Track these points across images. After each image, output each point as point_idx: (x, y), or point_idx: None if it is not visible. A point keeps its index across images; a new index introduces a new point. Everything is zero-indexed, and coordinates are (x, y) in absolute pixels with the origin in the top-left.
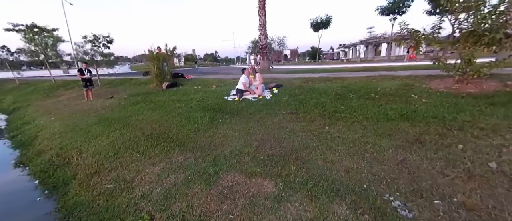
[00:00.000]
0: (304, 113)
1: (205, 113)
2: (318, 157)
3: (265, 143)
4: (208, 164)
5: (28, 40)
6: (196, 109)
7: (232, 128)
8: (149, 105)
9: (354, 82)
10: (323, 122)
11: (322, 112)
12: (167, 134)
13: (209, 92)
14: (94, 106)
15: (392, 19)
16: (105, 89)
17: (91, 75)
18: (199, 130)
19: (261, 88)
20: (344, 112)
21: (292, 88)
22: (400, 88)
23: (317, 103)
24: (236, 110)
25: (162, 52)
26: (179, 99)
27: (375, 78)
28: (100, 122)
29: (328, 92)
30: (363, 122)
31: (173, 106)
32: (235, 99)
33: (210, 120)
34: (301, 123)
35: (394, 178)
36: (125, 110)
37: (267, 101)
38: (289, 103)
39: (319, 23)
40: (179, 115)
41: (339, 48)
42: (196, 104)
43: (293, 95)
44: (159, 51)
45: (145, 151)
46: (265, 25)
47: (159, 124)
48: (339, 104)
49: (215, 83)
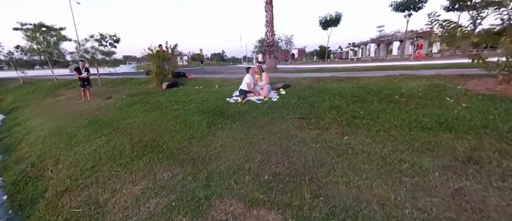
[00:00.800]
0: (317, 118)
1: (203, 116)
2: (339, 179)
3: (270, 157)
4: (199, 184)
5: (30, 38)
6: (194, 112)
7: (232, 136)
8: (145, 106)
9: (372, 82)
10: (341, 131)
11: (338, 117)
12: (157, 141)
13: (211, 93)
14: (90, 106)
15: (407, 16)
16: (105, 89)
17: (89, 74)
18: (194, 138)
19: (266, 89)
20: (365, 118)
21: (301, 89)
22: (429, 89)
23: (331, 106)
24: (238, 113)
25: (163, 50)
26: (177, 100)
27: (396, 78)
28: (90, 125)
29: (342, 93)
30: (391, 131)
31: (170, 108)
32: (238, 101)
33: (208, 126)
34: (313, 131)
35: (454, 219)
36: (119, 111)
37: (273, 103)
38: (298, 106)
39: (328, 21)
40: (174, 119)
41: (347, 47)
42: (195, 106)
43: (303, 97)
44: (161, 49)
45: (128, 163)
46: (272, 21)
47: (151, 129)
48: (357, 107)
49: (218, 83)
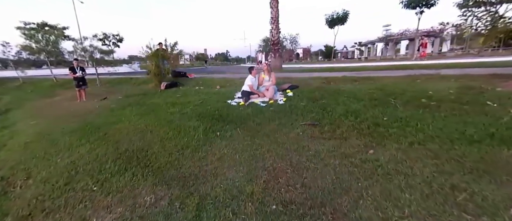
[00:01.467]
0: (331, 126)
1: (200, 122)
2: (373, 214)
3: (278, 176)
4: (187, 215)
5: (28, 36)
6: (191, 116)
7: (232, 147)
8: (140, 108)
9: (390, 83)
10: (363, 142)
11: (357, 124)
12: (146, 152)
13: (211, 94)
14: (83, 108)
15: (419, 13)
16: (103, 89)
17: (84, 74)
18: (188, 148)
19: (272, 90)
20: (391, 127)
21: (310, 90)
22: (463, 91)
23: (347, 110)
24: (239, 118)
25: (163, 48)
26: (175, 101)
27: (417, 78)
28: (76, 130)
29: (358, 95)
30: (427, 144)
31: (166, 111)
32: (240, 103)
33: (205, 133)
34: (329, 141)
35: None
36: (111, 114)
37: (280, 106)
38: (308, 110)
39: (335, 19)
40: (168, 124)
41: (353, 47)
42: (193, 109)
43: (313, 99)
44: (160, 48)
45: (107, 181)
46: (278, 18)
47: (141, 135)
48: (378, 113)
49: (219, 83)
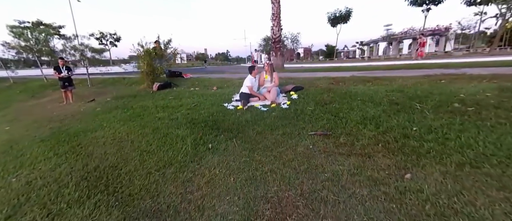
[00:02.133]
0: (348, 137)
1: (190, 130)
2: None
3: (285, 212)
4: None
5: (16, 35)
6: (181, 122)
7: (226, 165)
8: (125, 113)
9: (410, 84)
10: (393, 161)
11: (380, 136)
12: (119, 171)
13: (207, 96)
14: (66, 111)
15: (425, 10)
16: (93, 89)
17: (70, 73)
18: (171, 166)
19: (274, 92)
20: (425, 139)
21: (317, 92)
22: (505, 95)
23: (365, 117)
24: (237, 126)
25: (159, 46)
26: (166, 104)
27: (439, 78)
28: (49, 138)
29: (375, 98)
30: (484, 167)
31: (154, 115)
32: (238, 107)
33: (194, 145)
34: (348, 158)
35: None
36: (93, 119)
37: (284, 111)
38: (317, 116)
39: (337, 17)
40: (153, 132)
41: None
42: (184, 113)
43: (321, 103)
44: (157, 46)
45: (59, 215)
46: (279, 14)
47: (119, 147)
48: (404, 121)
49: (217, 84)
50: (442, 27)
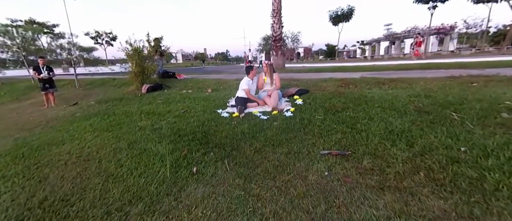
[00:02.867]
0: (373, 159)
1: (174, 145)
2: None
3: None
4: None
5: (1, 33)
6: (165, 134)
7: (212, 202)
8: (105, 120)
9: (435, 88)
10: (449, 203)
11: (418, 158)
12: (68, 209)
13: (200, 100)
14: (43, 117)
15: (432, 8)
16: (80, 91)
17: (52, 74)
18: (140, 200)
19: (276, 97)
20: (485, 168)
21: (325, 96)
22: None
23: (390, 130)
24: (230, 139)
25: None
26: (152, 110)
27: (471, 81)
28: (6, 153)
29: (396, 105)
30: None
31: (135, 124)
32: (234, 114)
33: (175, 168)
34: (380, 196)
35: None
36: (67, 128)
37: (287, 120)
38: (329, 128)
39: (339, 16)
40: (128, 148)
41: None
42: (171, 122)
43: (332, 110)
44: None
45: None
46: (280, 10)
47: (82, 169)
48: (443, 136)
49: (212, 85)
50: (447, 25)
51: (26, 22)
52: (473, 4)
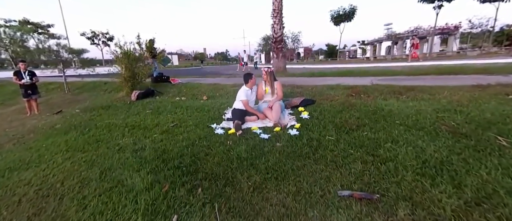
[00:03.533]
0: (411, 207)
1: (155, 175)
2: None
3: None
4: None
5: None
6: (146, 157)
7: None
8: (83, 135)
9: (464, 100)
10: None
11: (475, 210)
12: None
13: (193, 110)
14: (20, 128)
15: (437, 7)
16: (69, 96)
17: (35, 79)
18: None
19: (278, 110)
20: None
21: (334, 108)
22: None
23: (424, 161)
24: (224, 168)
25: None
26: (138, 123)
27: (506, 92)
28: None
29: (421, 122)
30: None
31: (116, 142)
32: (230, 131)
33: (150, 215)
34: None
35: None
36: (39, 145)
37: (292, 141)
38: (344, 154)
39: (341, 15)
40: (100, 178)
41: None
42: (156, 140)
43: (345, 127)
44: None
45: None
46: (281, 10)
47: (34, 211)
48: (496, 172)
49: (208, 92)
50: (451, 25)
51: (20, 22)
52: (479, 4)
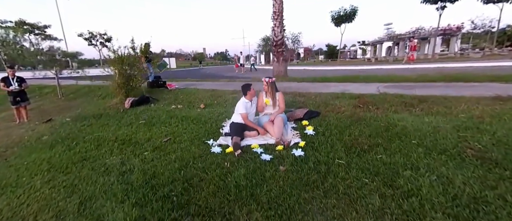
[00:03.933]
0: None
1: (140, 209)
2: None
3: None
4: None
5: None
6: (133, 183)
7: None
8: (69, 151)
9: (485, 115)
10: None
11: None
12: None
13: (189, 121)
14: (4, 139)
15: (440, 8)
16: (61, 102)
17: (24, 85)
18: None
19: (280, 124)
20: None
21: (341, 123)
22: None
23: (451, 196)
24: (220, 199)
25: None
26: (129, 136)
27: None
28: None
29: (441, 143)
30: None
31: (102, 161)
32: (228, 150)
33: None
34: None
35: None
36: (21, 162)
37: (297, 164)
38: (358, 184)
39: (342, 16)
40: (77, 212)
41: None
42: (147, 160)
43: (355, 148)
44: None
45: None
46: (282, 12)
47: None
48: None
49: (205, 99)
50: (453, 26)
51: (16, 23)
52: (483, 4)
